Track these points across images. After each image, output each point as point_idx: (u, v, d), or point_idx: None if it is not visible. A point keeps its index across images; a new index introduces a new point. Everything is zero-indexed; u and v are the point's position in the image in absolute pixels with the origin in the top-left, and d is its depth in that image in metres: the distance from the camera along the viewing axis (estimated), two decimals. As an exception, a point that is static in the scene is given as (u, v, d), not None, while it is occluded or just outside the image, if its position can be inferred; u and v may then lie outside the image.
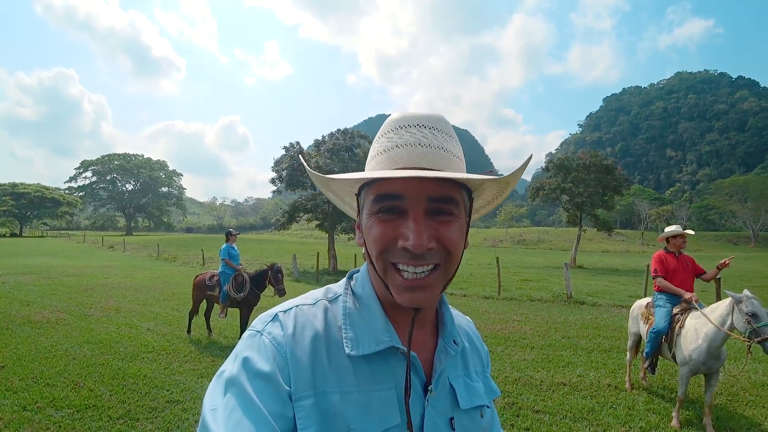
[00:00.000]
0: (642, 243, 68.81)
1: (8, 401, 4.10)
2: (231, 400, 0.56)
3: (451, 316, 0.75)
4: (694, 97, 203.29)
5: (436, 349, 0.71)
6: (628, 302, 10.09)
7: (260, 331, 0.64)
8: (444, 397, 0.68)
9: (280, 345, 0.61)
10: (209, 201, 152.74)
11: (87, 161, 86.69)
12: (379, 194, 0.62)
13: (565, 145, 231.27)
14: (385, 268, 0.62)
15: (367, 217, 0.64)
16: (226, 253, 6.85)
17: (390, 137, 0.65)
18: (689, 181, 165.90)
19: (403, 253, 0.60)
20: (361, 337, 0.64)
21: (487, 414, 0.76)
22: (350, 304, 0.68)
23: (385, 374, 0.64)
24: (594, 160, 28.29)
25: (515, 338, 6.98)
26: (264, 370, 0.58)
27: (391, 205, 0.61)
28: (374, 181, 0.63)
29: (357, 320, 0.66)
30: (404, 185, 0.60)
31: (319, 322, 0.65)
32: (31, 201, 64.98)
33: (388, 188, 0.61)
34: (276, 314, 0.66)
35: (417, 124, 0.65)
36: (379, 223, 0.62)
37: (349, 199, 0.77)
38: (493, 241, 75.46)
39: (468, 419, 0.70)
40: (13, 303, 9.22)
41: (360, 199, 0.69)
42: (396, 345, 0.64)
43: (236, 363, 0.60)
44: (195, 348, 6.12)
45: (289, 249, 30.71)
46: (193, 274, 12.98)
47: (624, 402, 4.43)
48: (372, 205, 0.63)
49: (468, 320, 0.86)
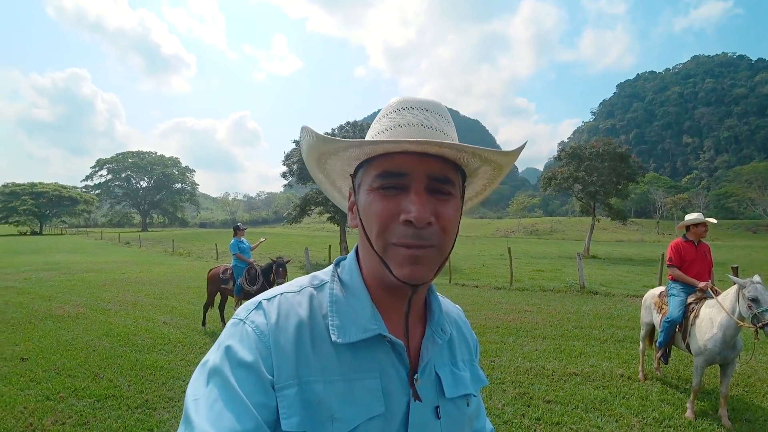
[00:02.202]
0: (657, 232, 67.67)
1: (32, 391, 4.25)
2: (213, 390, 0.56)
3: (439, 304, 0.75)
4: (712, 81, 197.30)
5: (423, 338, 0.70)
6: (642, 292, 9.93)
7: (243, 320, 0.63)
8: (430, 386, 0.68)
9: (263, 333, 0.61)
10: (222, 196, 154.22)
11: (102, 160, 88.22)
12: (384, 171, 0.62)
13: (578, 134, 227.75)
14: (386, 246, 0.62)
15: (367, 194, 0.64)
16: (236, 247, 6.94)
17: (392, 117, 0.66)
18: (707, 168, 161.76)
19: (404, 229, 0.60)
20: (348, 325, 0.63)
21: (473, 402, 0.76)
22: (337, 291, 0.67)
23: (369, 363, 0.63)
24: (607, 148, 27.82)
25: (527, 328, 6.96)
26: (246, 359, 0.58)
27: (394, 182, 0.62)
28: (375, 158, 0.64)
29: (344, 307, 0.65)
30: (407, 162, 0.61)
31: (304, 310, 0.64)
32: (50, 200, 66.52)
33: (392, 165, 0.62)
34: (260, 302, 0.65)
35: (419, 107, 0.66)
36: (382, 198, 0.62)
37: (341, 182, 0.76)
38: (505, 232, 74.96)
39: (454, 408, 0.70)
40: (36, 298, 9.50)
41: (356, 179, 0.68)
42: (383, 333, 0.63)
43: (219, 352, 0.60)
44: (210, 340, 6.24)
45: (302, 242, 30.95)
46: (207, 268, 13.19)
47: (637, 392, 4.40)
48: (374, 181, 0.63)
49: (457, 308, 0.86)
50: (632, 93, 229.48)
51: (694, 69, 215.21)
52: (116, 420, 3.68)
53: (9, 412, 3.80)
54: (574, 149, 29.22)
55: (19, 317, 7.50)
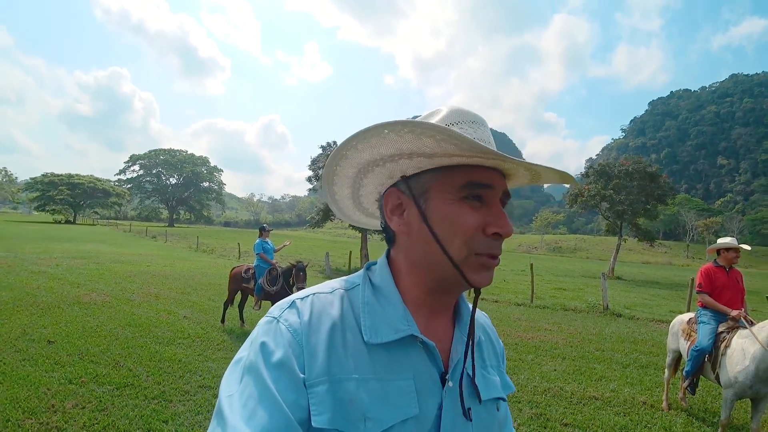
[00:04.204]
0: (687, 255, 65.20)
1: (57, 374, 4.40)
2: (247, 388, 0.57)
3: (467, 307, 0.75)
4: (751, 101, 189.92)
5: (453, 339, 0.71)
6: (669, 317, 9.58)
7: (277, 318, 0.64)
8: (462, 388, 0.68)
9: (296, 332, 0.61)
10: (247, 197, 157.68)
11: (135, 155, 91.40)
12: (472, 181, 0.63)
13: (607, 151, 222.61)
14: (468, 256, 0.64)
15: (450, 203, 0.64)
16: (261, 247, 7.05)
17: (465, 130, 0.65)
18: (742, 191, 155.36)
19: (490, 241, 0.64)
20: (379, 325, 0.64)
21: (503, 408, 0.76)
22: (368, 293, 0.68)
23: (403, 364, 0.63)
24: (637, 166, 27.04)
25: (546, 348, 6.78)
26: (280, 357, 0.59)
27: (481, 193, 0.64)
28: (456, 167, 0.64)
29: (375, 308, 0.66)
30: (492, 176, 0.65)
31: (336, 310, 0.65)
32: (85, 191, 69.15)
33: (482, 177, 0.64)
34: (293, 301, 0.66)
35: (481, 123, 0.68)
36: (470, 209, 0.63)
37: (366, 198, 0.77)
38: (527, 247, 73.66)
39: (485, 411, 0.70)
40: (65, 284, 9.86)
41: (411, 183, 0.67)
42: (415, 334, 0.64)
43: (253, 349, 0.61)
44: (228, 337, 6.33)
45: (323, 246, 31.20)
46: (229, 266, 13.43)
47: (660, 422, 4.21)
48: (459, 191, 0.63)
49: (484, 315, 0.86)
50: (665, 111, 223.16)
51: (732, 88, 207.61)
52: (133, 409, 3.76)
53: (33, 392, 3.93)
54: (602, 166, 28.57)
55: (49, 301, 7.80)
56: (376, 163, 0.68)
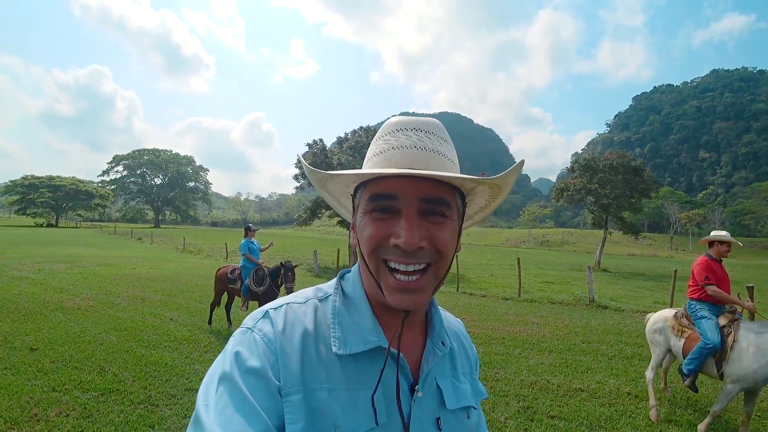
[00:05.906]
0: (671, 247, 66.47)
1: (39, 382, 4.30)
2: (223, 396, 0.57)
3: (440, 317, 0.76)
4: (731, 95, 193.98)
5: (424, 350, 0.71)
6: (653, 308, 9.77)
7: (251, 328, 0.65)
8: (431, 398, 0.69)
9: (270, 341, 0.62)
10: (234, 196, 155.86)
11: (119, 156, 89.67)
12: (374, 194, 0.63)
13: (592, 145, 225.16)
14: (378, 267, 0.63)
15: (362, 216, 0.65)
16: (246, 248, 6.98)
17: (387, 140, 0.67)
18: (723, 183, 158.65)
19: (394, 250, 0.61)
20: (349, 337, 0.65)
21: (474, 415, 0.76)
22: (339, 304, 0.69)
23: (372, 374, 0.64)
24: (621, 160, 27.52)
25: (534, 341, 6.87)
26: (255, 365, 0.60)
27: (386, 204, 0.63)
28: (369, 181, 0.65)
29: (345, 320, 0.67)
30: (398, 185, 0.62)
31: (309, 320, 0.66)
32: (67, 193, 67.79)
33: (383, 188, 0.63)
34: (267, 311, 0.67)
35: (413, 128, 0.67)
36: (373, 221, 0.63)
37: (345, 200, 0.77)
38: (515, 242, 74.38)
39: (454, 419, 0.71)
40: (48, 289, 9.66)
41: (355, 200, 0.70)
42: (383, 345, 0.65)
43: (227, 360, 0.62)
44: (215, 339, 6.27)
45: (311, 245, 31.06)
46: (216, 266, 13.29)
47: (644, 412, 4.30)
48: (367, 204, 0.64)
49: (459, 322, 0.87)
50: (648, 106, 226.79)
51: (713, 83, 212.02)
52: (119, 415, 3.71)
53: (15, 402, 3.85)
54: (587, 161, 28.98)
55: (31, 308, 7.63)
56: (325, 179, 0.72)
